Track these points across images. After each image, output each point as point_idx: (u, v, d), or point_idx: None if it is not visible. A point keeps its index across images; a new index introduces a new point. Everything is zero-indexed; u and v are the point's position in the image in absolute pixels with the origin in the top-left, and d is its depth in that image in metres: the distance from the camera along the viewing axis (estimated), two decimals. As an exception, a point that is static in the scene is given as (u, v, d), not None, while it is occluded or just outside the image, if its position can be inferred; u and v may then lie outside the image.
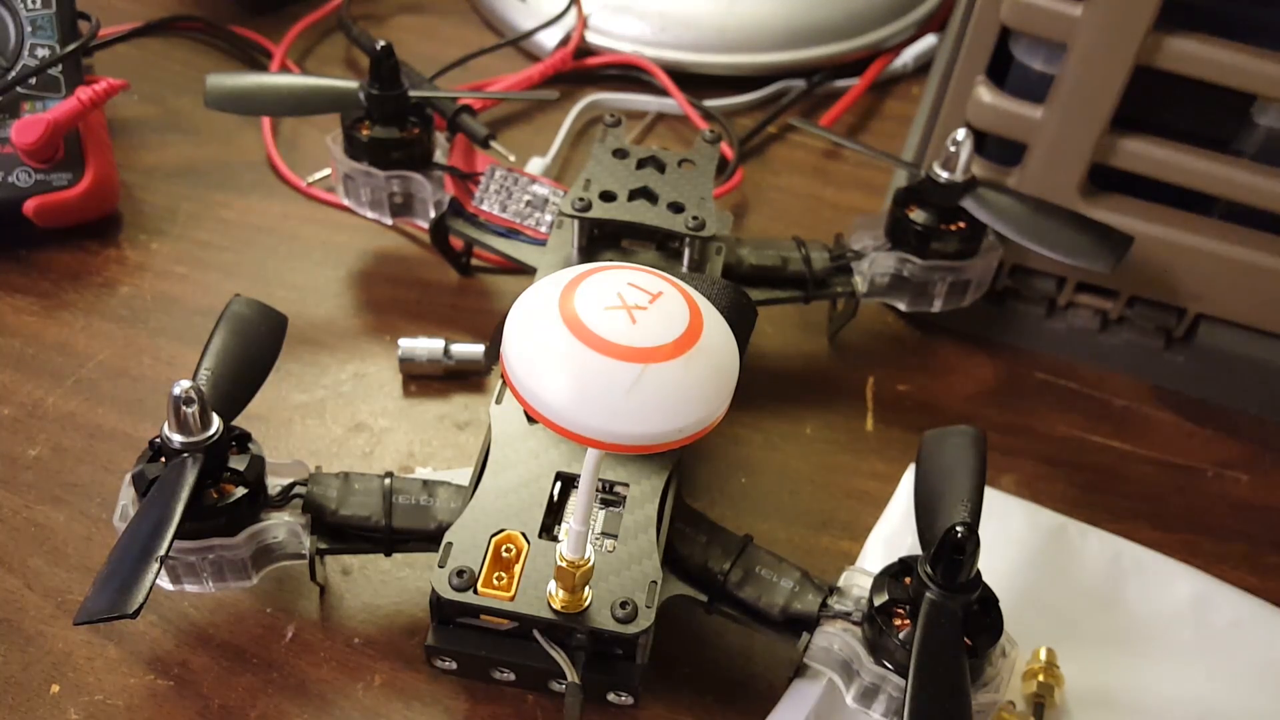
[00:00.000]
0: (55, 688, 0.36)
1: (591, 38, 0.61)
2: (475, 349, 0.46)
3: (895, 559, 0.33)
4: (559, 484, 0.35)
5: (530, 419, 0.36)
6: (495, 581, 0.32)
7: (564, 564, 0.31)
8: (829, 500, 0.44)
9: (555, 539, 0.33)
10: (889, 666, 0.32)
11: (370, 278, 0.51)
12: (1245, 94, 0.41)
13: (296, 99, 0.46)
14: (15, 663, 0.37)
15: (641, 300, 0.25)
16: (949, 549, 0.31)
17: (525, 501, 0.34)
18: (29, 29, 0.49)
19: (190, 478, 0.32)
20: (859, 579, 0.35)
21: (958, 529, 0.30)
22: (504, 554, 0.33)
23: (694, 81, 0.60)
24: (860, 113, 0.61)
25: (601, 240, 0.43)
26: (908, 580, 0.33)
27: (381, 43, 0.44)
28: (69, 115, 0.48)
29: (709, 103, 0.59)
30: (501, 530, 0.33)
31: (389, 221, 0.48)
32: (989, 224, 0.43)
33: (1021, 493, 0.44)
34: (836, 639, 0.34)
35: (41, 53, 0.49)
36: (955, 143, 0.42)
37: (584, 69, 0.61)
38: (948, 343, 0.50)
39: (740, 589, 0.35)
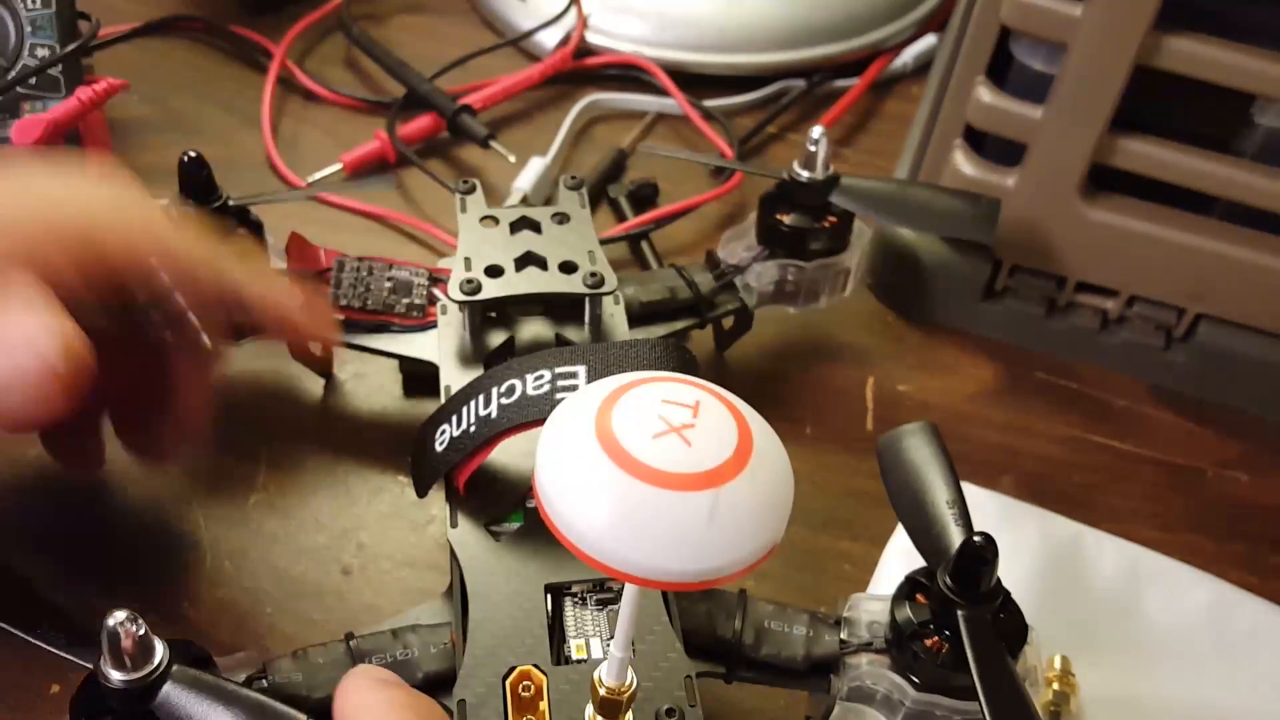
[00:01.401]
0: (55, 687, 0.36)
1: (591, 37, 0.61)
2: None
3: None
4: (549, 597, 0.32)
5: (496, 536, 0.34)
6: None
7: (606, 692, 0.27)
8: (829, 500, 0.44)
9: (569, 660, 0.31)
10: (933, 690, 0.31)
11: (370, 278, 0.51)
12: (1245, 94, 0.41)
13: None
14: (16, 662, 0.37)
15: (685, 417, 0.22)
16: (972, 561, 0.30)
17: (523, 628, 0.31)
18: (29, 29, 0.49)
19: (219, 679, 0.28)
20: (866, 605, 0.33)
21: (975, 539, 0.29)
22: (523, 694, 0.30)
23: (694, 81, 0.60)
24: (860, 113, 0.61)
25: (493, 317, 0.41)
26: (919, 598, 0.31)
27: (190, 154, 0.40)
28: (69, 115, 0.48)
29: (709, 102, 0.59)
30: (512, 668, 0.30)
31: (235, 344, 0.41)
32: (863, 213, 0.44)
33: (1021, 492, 0.44)
34: (867, 674, 0.32)
35: (41, 53, 0.49)
36: (814, 142, 0.43)
37: (584, 69, 0.61)
38: (947, 343, 0.50)
39: (758, 650, 0.33)
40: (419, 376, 0.46)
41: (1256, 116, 0.43)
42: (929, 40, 0.63)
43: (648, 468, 0.21)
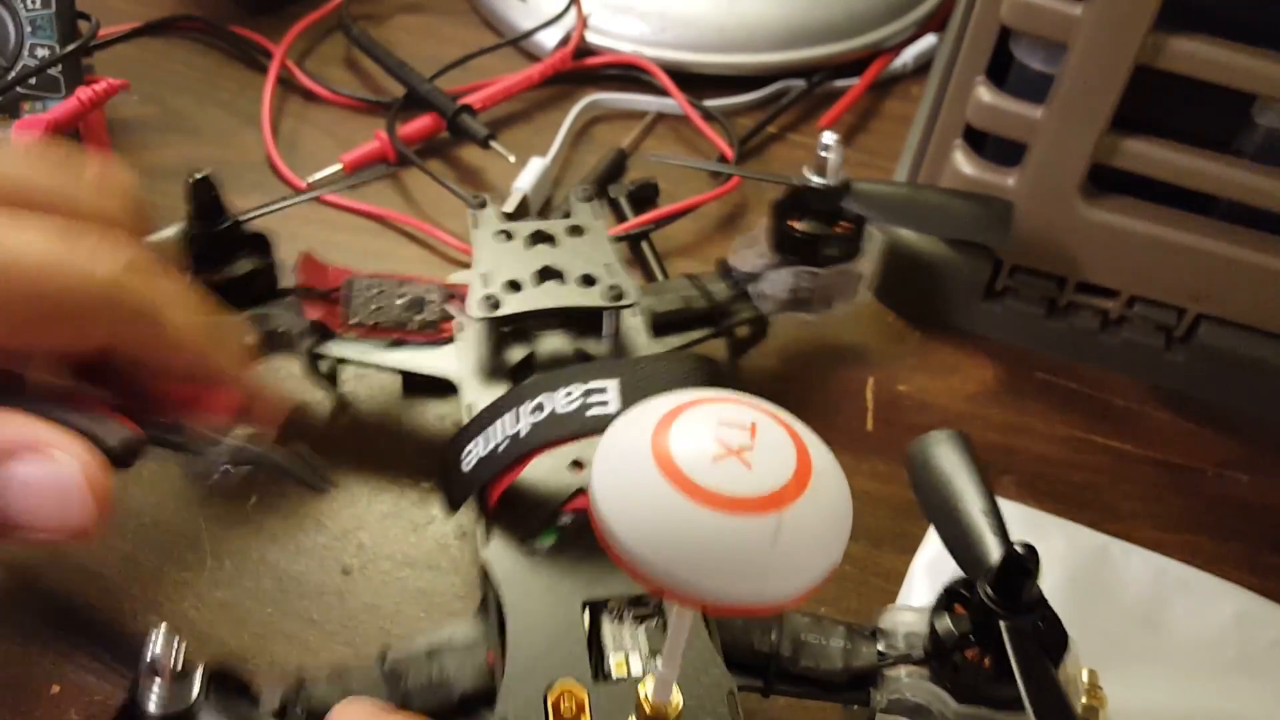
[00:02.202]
0: (56, 688, 0.36)
1: (591, 37, 0.61)
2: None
3: (940, 586, 0.32)
4: (587, 613, 0.32)
5: (529, 552, 0.34)
6: None
7: (652, 711, 0.27)
8: (829, 500, 0.44)
9: (609, 676, 0.31)
10: (974, 701, 0.31)
11: (370, 278, 0.51)
12: (1245, 94, 0.41)
13: None
14: (16, 662, 0.37)
15: (743, 439, 0.22)
16: (1014, 572, 0.29)
17: (562, 644, 0.31)
18: (28, 29, 0.49)
19: (254, 711, 0.29)
20: (901, 616, 0.33)
21: (1018, 549, 0.29)
22: (564, 711, 0.30)
23: (694, 81, 0.60)
24: (860, 113, 0.61)
25: (508, 332, 0.40)
26: (958, 609, 0.31)
27: (197, 174, 0.39)
28: (69, 115, 0.48)
29: (708, 102, 0.59)
30: (552, 685, 0.30)
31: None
32: (875, 218, 0.44)
33: (1021, 493, 0.44)
34: (907, 686, 0.32)
35: (41, 53, 0.49)
36: (825, 147, 0.43)
37: (584, 69, 0.61)
38: (948, 343, 0.50)
39: (796, 663, 0.32)
40: (418, 377, 0.46)
41: (1257, 116, 0.43)
42: (929, 40, 0.63)
43: (709, 492, 0.21)
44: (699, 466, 0.21)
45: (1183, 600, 0.40)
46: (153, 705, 0.27)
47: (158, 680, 0.27)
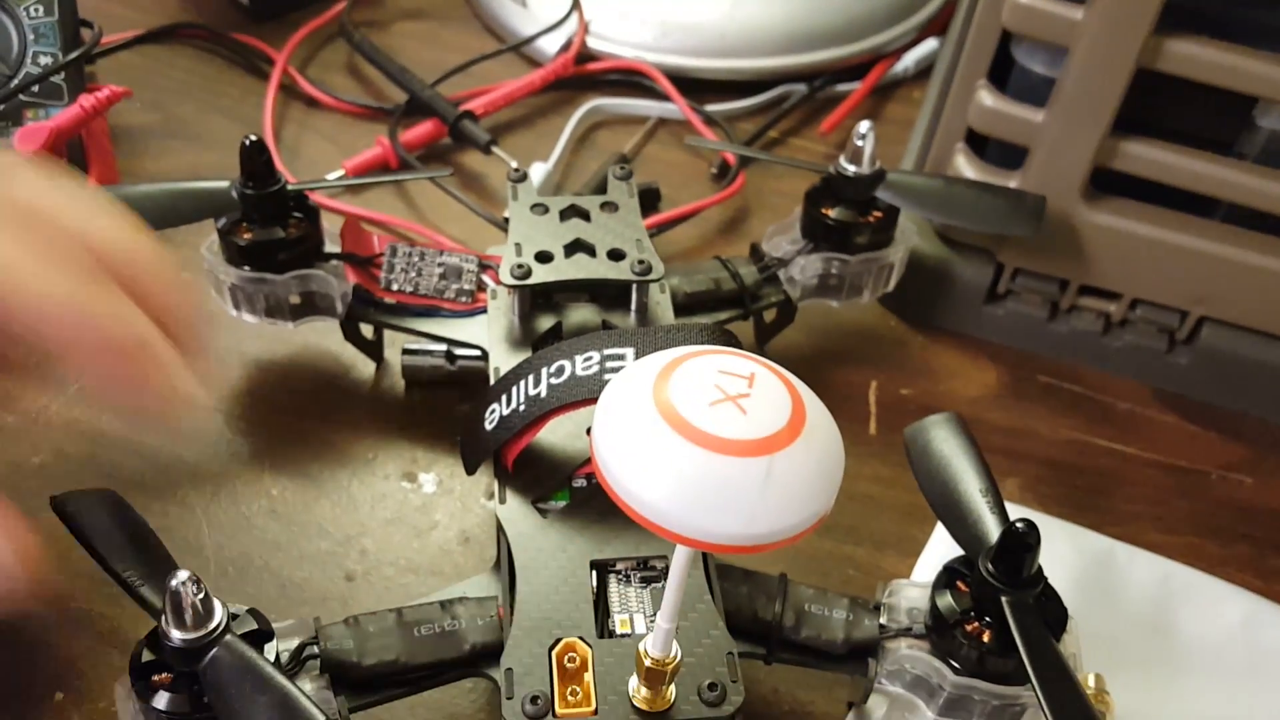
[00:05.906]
0: (59, 695, 0.36)
1: (593, 43, 0.61)
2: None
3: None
4: (595, 573, 0.33)
5: (543, 513, 0.35)
6: (570, 698, 0.30)
7: (651, 663, 0.28)
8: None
9: (614, 634, 0.32)
10: (972, 675, 0.31)
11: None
12: (1247, 96, 0.41)
13: (160, 208, 0.41)
14: (20, 670, 0.37)
15: (741, 387, 0.23)
16: (1015, 547, 0.30)
17: (569, 602, 0.32)
18: (31, 36, 0.49)
19: (261, 660, 0.29)
20: (906, 591, 0.34)
21: (1018, 525, 0.30)
22: (568, 665, 0.31)
23: (695, 86, 0.60)
24: (861, 117, 0.61)
25: (541, 302, 0.41)
26: (960, 586, 0.32)
27: (251, 137, 0.41)
28: (72, 123, 0.48)
29: (710, 108, 0.59)
30: (558, 640, 0.31)
31: (291, 326, 0.44)
32: (908, 208, 0.44)
33: (1025, 497, 0.44)
34: (906, 658, 0.33)
35: (44, 60, 0.49)
36: (860, 136, 0.43)
37: (585, 74, 0.61)
38: (950, 346, 0.50)
39: (798, 632, 0.33)
40: (420, 383, 0.46)
41: (1259, 119, 0.43)
42: (930, 44, 0.63)
43: (704, 434, 0.22)
44: (695, 410, 0.22)
45: (1188, 604, 0.40)
46: (175, 635, 0.29)
47: (180, 612, 0.28)
